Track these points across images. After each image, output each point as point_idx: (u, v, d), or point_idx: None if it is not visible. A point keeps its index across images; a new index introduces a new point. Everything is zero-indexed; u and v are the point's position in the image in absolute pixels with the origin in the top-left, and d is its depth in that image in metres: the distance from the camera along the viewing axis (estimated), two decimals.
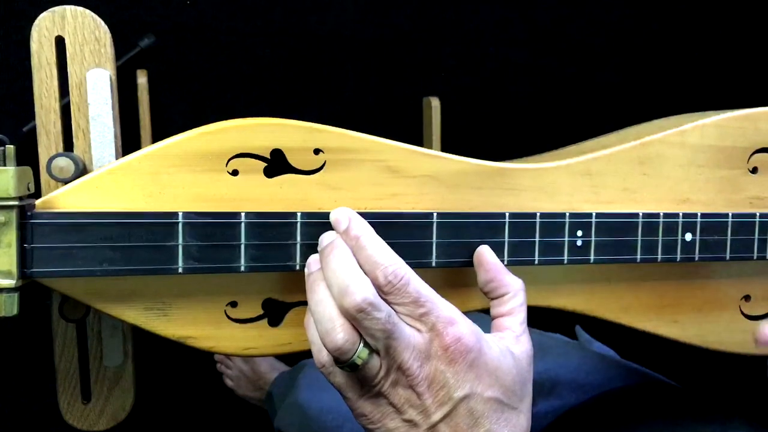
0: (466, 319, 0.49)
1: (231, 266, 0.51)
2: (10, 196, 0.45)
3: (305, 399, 0.95)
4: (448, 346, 0.47)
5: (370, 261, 0.48)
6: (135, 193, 0.50)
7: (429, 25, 1.45)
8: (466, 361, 0.47)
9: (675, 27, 1.64)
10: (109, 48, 0.59)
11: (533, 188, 0.60)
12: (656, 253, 0.62)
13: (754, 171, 0.67)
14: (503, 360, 0.50)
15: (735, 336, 0.69)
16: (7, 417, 1.28)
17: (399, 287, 0.48)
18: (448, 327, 0.47)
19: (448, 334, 0.47)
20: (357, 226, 0.51)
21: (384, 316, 0.46)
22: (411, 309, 0.48)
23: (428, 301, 0.48)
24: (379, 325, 0.46)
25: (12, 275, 0.46)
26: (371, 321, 0.46)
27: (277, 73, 1.36)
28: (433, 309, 0.48)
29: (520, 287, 0.54)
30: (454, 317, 0.48)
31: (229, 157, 0.51)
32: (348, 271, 0.48)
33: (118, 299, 0.51)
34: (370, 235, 0.50)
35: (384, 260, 0.48)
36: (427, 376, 0.47)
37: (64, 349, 0.63)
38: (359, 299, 0.46)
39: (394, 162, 0.55)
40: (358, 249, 0.49)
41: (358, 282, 0.47)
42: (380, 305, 0.47)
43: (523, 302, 0.54)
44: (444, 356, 0.47)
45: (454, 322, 0.48)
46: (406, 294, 0.48)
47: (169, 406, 1.38)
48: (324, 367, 0.49)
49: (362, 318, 0.46)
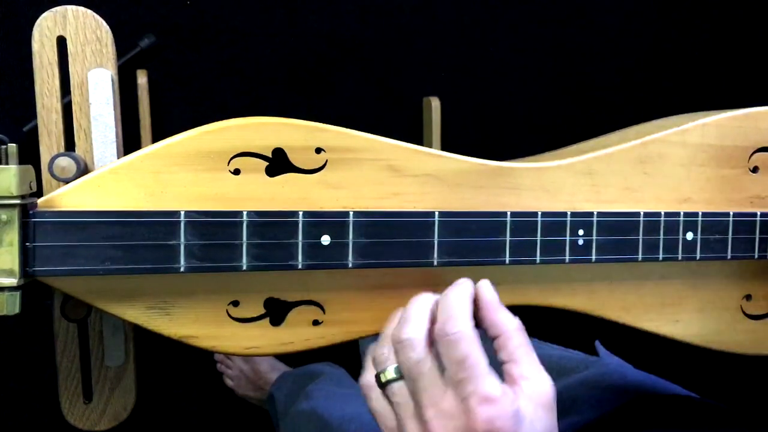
0: (508, 398, 0.45)
1: (233, 265, 0.50)
2: (12, 194, 0.45)
3: (325, 409, 0.96)
4: (477, 428, 0.44)
5: (446, 305, 0.50)
6: (137, 192, 0.50)
7: (429, 25, 1.45)
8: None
9: (675, 27, 1.64)
10: (111, 48, 0.59)
11: (534, 187, 0.60)
12: (657, 253, 0.62)
13: (754, 170, 0.67)
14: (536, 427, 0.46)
15: (736, 336, 0.69)
16: (8, 417, 1.28)
17: (449, 340, 0.47)
18: (483, 405, 0.44)
19: (480, 415, 0.44)
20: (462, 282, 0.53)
21: (414, 356, 0.48)
22: (453, 369, 0.46)
23: (472, 368, 0.45)
24: (409, 363, 0.48)
25: (14, 274, 0.46)
26: (403, 356, 0.48)
27: (277, 73, 1.36)
28: (473, 378, 0.45)
29: (515, 327, 0.50)
30: (494, 395, 0.45)
31: (231, 156, 0.51)
32: (416, 309, 0.51)
33: (120, 298, 0.51)
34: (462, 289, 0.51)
35: (454, 311, 0.49)
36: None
37: (65, 348, 0.63)
38: (401, 331, 0.49)
39: (395, 161, 0.55)
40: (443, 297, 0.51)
41: (414, 321, 0.49)
42: (416, 347, 0.48)
43: (522, 343, 0.50)
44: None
45: (492, 400, 0.44)
46: (454, 351, 0.46)
47: (170, 406, 1.38)
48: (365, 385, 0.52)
49: (398, 350, 0.49)
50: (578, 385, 0.85)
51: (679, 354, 0.74)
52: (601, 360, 0.97)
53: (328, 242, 0.52)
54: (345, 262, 0.53)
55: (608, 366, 0.92)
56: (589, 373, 0.88)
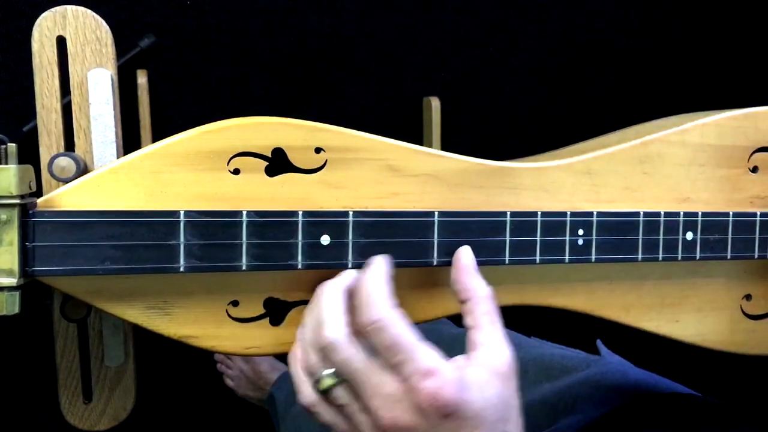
0: (446, 367, 0.46)
1: (232, 265, 0.50)
2: (11, 194, 0.45)
3: None
4: (423, 404, 0.45)
5: (361, 297, 0.49)
6: (136, 192, 0.50)
7: (429, 25, 1.45)
8: (445, 414, 0.45)
9: (675, 27, 1.64)
10: (111, 48, 0.59)
11: (534, 187, 0.60)
12: (657, 252, 0.62)
13: (754, 170, 0.67)
14: (487, 395, 0.47)
15: (736, 336, 0.69)
16: (8, 417, 1.28)
17: (373, 329, 0.46)
18: (425, 380, 0.45)
19: (424, 389, 0.45)
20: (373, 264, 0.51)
21: (343, 356, 0.47)
22: (387, 355, 0.46)
23: (404, 350, 0.46)
24: (339, 365, 0.47)
25: (13, 274, 0.46)
26: (331, 359, 0.47)
27: (277, 73, 1.36)
28: (409, 359, 0.45)
29: (485, 294, 0.51)
30: (434, 367, 0.45)
31: (231, 156, 0.51)
32: (327, 305, 0.49)
33: (120, 298, 0.51)
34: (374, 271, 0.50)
35: (370, 297, 0.48)
36: (402, 427, 0.45)
37: (65, 348, 0.63)
38: (321, 336, 0.48)
39: (395, 161, 0.55)
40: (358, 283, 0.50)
41: (329, 321, 0.48)
42: (339, 347, 0.47)
43: (490, 311, 0.51)
44: (420, 412, 0.45)
45: (432, 373, 0.45)
46: (382, 338, 0.46)
47: (170, 406, 1.38)
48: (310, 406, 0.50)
49: (324, 354, 0.48)
50: (580, 384, 0.85)
51: (679, 352, 0.74)
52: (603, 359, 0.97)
53: (328, 242, 0.52)
54: (345, 261, 0.53)
55: (609, 365, 0.92)
56: (591, 372, 0.88)
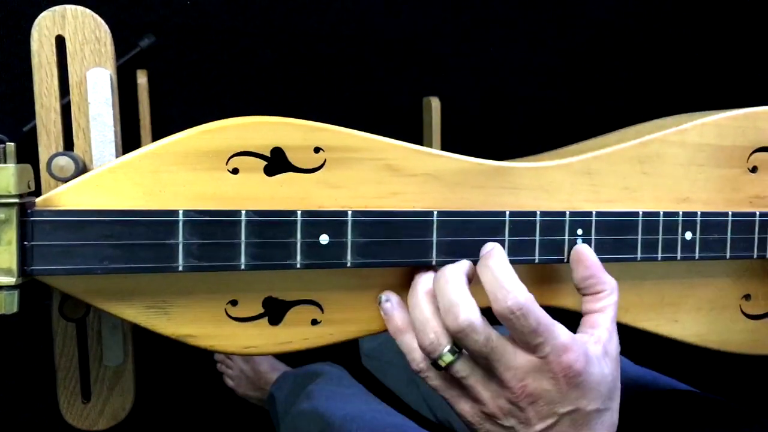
0: (577, 342, 0.50)
1: (231, 264, 0.50)
2: (10, 193, 0.45)
3: (325, 408, 0.96)
4: (558, 374, 0.49)
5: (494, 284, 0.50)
6: (135, 191, 0.50)
7: (429, 25, 1.45)
8: (573, 383, 0.49)
9: (675, 27, 1.64)
10: (110, 47, 0.59)
11: (533, 187, 0.60)
12: (656, 252, 0.62)
13: (753, 170, 0.67)
14: (604, 371, 0.51)
15: (735, 336, 0.69)
16: (7, 416, 1.28)
17: (517, 317, 0.48)
18: (561, 356, 0.49)
19: (561, 363, 0.49)
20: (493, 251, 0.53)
21: (482, 338, 0.49)
22: (529, 338, 0.49)
23: (545, 331, 0.49)
24: (477, 346, 0.49)
25: (12, 273, 0.46)
26: (469, 341, 0.49)
27: (277, 72, 1.36)
28: (548, 339, 0.49)
29: (615, 286, 0.56)
30: (568, 344, 0.49)
31: (230, 155, 0.51)
32: (456, 290, 0.51)
33: (119, 297, 0.51)
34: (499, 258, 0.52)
35: (508, 284, 0.49)
36: (531, 394, 0.49)
37: (64, 348, 0.63)
38: (457, 319, 0.49)
39: (394, 160, 0.55)
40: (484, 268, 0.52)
41: (464, 303, 0.50)
42: (479, 328, 0.49)
43: (616, 302, 0.56)
44: (553, 380, 0.49)
45: (567, 348, 0.49)
46: (524, 324, 0.48)
47: (170, 406, 1.38)
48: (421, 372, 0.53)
49: (461, 338, 0.49)
50: None
51: (678, 350, 0.74)
52: None
53: (327, 242, 0.52)
54: (344, 261, 0.53)
55: None
56: None
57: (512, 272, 0.51)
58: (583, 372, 0.49)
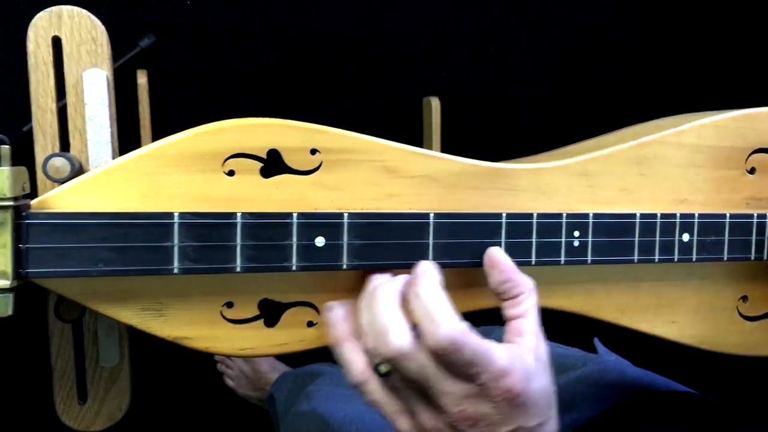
0: (515, 364, 0.48)
1: (227, 267, 0.50)
2: (5, 196, 0.45)
3: (325, 409, 0.96)
4: (497, 398, 0.47)
5: (424, 316, 0.48)
6: (131, 193, 0.50)
7: (429, 25, 1.45)
8: (514, 404, 0.48)
9: (675, 27, 1.64)
10: (106, 48, 0.59)
11: (530, 189, 0.60)
12: (653, 254, 0.62)
13: (751, 171, 0.67)
14: (542, 382, 0.50)
15: (733, 337, 0.69)
16: (3, 417, 1.28)
17: (449, 351, 0.47)
18: (500, 380, 0.47)
19: (499, 388, 0.47)
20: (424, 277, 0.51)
21: (414, 366, 0.47)
22: (465, 369, 0.47)
23: (481, 361, 0.47)
24: (410, 374, 0.48)
25: (7, 275, 0.46)
26: (401, 368, 0.48)
27: (277, 73, 1.36)
28: (485, 368, 0.47)
29: (533, 287, 0.54)
30: (506, 368, 0.47)
31: (226, 157, 0.51)
32: (387, 313, 0.49)
33: (114, 300, 0.51)
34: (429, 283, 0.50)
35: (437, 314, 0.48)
36: (470, 417, 0.48)
37: (60, 349, 0.63)
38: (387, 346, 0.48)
39: (390, 162, 0.55)
40: (413, 296, 0.50)
41: (393, 328, 0.48)
42: (412, 356, 0.47)
43: (536, 302, 0.54)
44: (492, 403, 0.47)
45: (506, 373, 0.47)
46: (459, 358, 0.47)
47: (169, 406, 1.39)
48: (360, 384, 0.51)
49: (394, 364, 0.48)
50: (577, 382, 0.85)
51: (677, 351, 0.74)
52: (600, 357, 0.97)
53: (323, 244, 0.52)
54: (339, 263, 0.53)
55: (607, 363, 0.92)
56: (588, 370, 0.88)
57: (443, 300, 0.49)
58: (522, 392, 0.48)
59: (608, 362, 0.92)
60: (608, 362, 0.92)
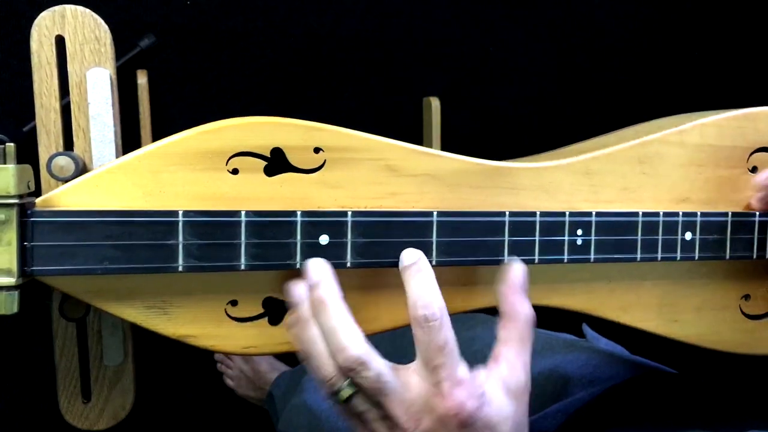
0: (473, 381, 0.48)
1: (231, 265, 0.50)
2: (10, 194, 0.45)
3: (314, 401, 0.95)
4: (448, 412, 0.46)
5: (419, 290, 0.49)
6: (135, 191, 0.50)
7: (429, 25, 1.45)
8: (464, 425, 0.47)
9: (675, 27, 1.64)
10: (109, 47, 0.59)
11: (533, 187, 0.60)
12: (656, 252, 0.62)
13: (753, 170, 0.67)
14: (504, 411, 0.49)
15: (735, 335, 0.69)
16: (7, 416, 1.28)
17: (430, 327, 0.47)
18: (456, 388, 0.47)
19: (452, 398, 0.46)
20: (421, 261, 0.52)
21: (373, 375, 0.47)
22: (432, 354, 0.47)
23: (450, 354, 0.47)
24: (367, 383, 0.47)
25: (12, 273, 0.46)
26: (360, 379, 0.47)
27: (277, 73, 1.36)
28: (447, 363, 0.47)
29: (525, 318, 0.52)
30: (463, 379, 0.47)
31: (229, 155, 0.51)
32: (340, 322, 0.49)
33: (118, 297, 0.51)
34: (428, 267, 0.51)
35: (429, 296, 0.48)
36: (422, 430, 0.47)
37: (64, 348, 0.63)
38: (345, 355, 0.47)
39: (393, 161, 0.55)
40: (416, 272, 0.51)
41: (348, 338, 0.48)
42: (371, 364, 0.47)
43: (524, 333, 0.52)
44: (440, 420, 0.47)
45: (461, 383, 0.47)
46: (435, 337, 0.47)
47: (170, 406, 1.38)
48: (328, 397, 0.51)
49: (352, 375, 0.47)
50: (567, 364, 0.85)
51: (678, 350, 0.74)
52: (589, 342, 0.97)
53: (327, 242, 0.52)
54: (343, 261, 0.53)
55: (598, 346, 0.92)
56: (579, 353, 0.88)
57: (437, 288, 0.50)
58: (474, 414, 0.46)
59: (599, 346, 0.92)
60: (599, 346, 0.92)
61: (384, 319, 0.57)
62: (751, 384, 0.59)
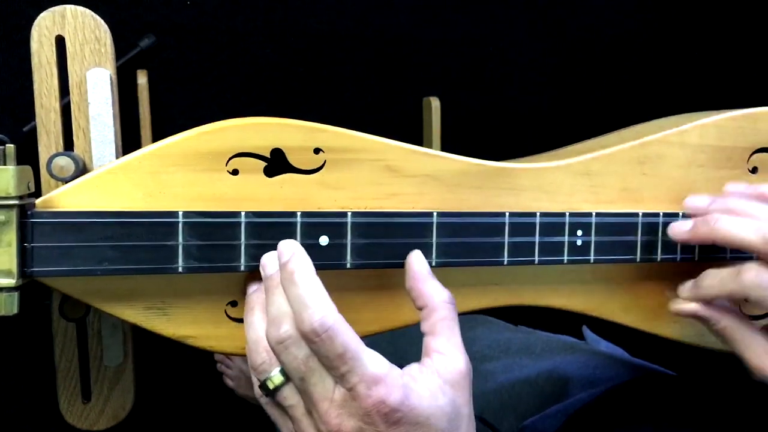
0: (394, 373, 0.45)
1: (231, 265, 0.51)
2: (10, 195, 0.45)
3: None
4: (370, 410, 0.44)
5: (299, 300, 0.45)
6: (135, 192, 0.50)
7: (429, 25, 1.45)
8: (391, 420, 0.44)
9: (675, 27, 1.64)
10: (110, 47, 0.59)
11: (533, 188, 0.60)
12: (656, 253, 0.62)
13: (753, 171, 0.67)
14: (436, 402, 0.46)
15: None
16: (7, 417, 1.28)
17: (324, 338, 0.44)
18: (371, 388, 0.44)
19: (370, 397, 0.44)
20: (297, 261, 0.48)
21: (301, 354, 0.45)
22: (335, 364, 0.44)
23: (352, 359, 0.44)
24: (295, 362, 0.45)
25: (12, 274, 0.46)
26: (287, 355, 0.45)
27: (277, 73, 1.36)
28: (355, 368, 0.44)
29: (442, 300, 0.50)
30: (378, 376, 0.44)
31: (229, 156, 0.51)
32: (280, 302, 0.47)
33: (118, 298, 0.51)
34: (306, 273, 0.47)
35: (313, 304, 0.45)
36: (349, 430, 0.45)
37: (64, 348, 0.63)
38: (279, 330, 0.45)
39: (393, 161, 0.55)
40: (289, 284, 0.47)
41: (286, 313, 0.46)
42: (300, 343, 0.45)
43: (447, 317, 0.49)
44: (366, 417, 0.44)
45: (378, 380, 0.44)
46: (330, 348, 0.44)
47: (170, 406, 1.38)
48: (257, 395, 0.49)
49: (280, 350, 0.46)
50: (566, 365, 0.85)
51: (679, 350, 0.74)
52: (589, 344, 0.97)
53: (327, 243, 0.52)
54: (343, 262, 0.53)
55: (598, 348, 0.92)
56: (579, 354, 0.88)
57: (319, 285, 0.46)
58: (400, 407, 0.44)
59: (599, 347, 0.92)
60: (599, 347, 0.92)
61: (384, 320, 0.57)
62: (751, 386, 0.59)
